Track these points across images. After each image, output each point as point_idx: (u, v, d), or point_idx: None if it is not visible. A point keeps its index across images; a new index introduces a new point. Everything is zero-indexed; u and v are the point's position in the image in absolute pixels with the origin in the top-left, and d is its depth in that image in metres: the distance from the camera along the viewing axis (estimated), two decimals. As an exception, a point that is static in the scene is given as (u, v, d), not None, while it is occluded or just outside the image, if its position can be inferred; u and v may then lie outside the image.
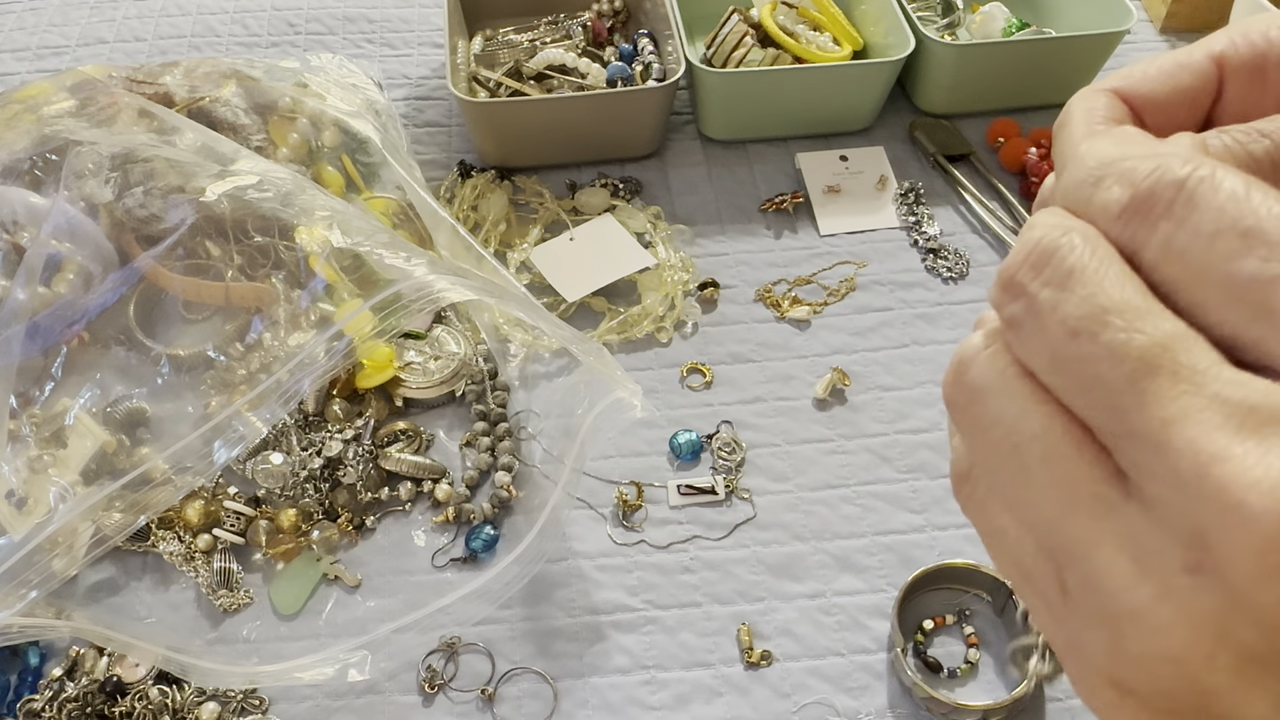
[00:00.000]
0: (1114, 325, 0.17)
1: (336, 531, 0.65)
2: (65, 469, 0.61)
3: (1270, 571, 0.15)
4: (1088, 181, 0.18)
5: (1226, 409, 0.16)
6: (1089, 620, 0.18)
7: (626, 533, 0.66)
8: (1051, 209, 0.19)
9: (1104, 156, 0.18)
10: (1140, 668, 0.17)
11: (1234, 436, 0.16)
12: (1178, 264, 0.17)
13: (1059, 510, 0.18)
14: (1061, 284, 0.18)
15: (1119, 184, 0.18)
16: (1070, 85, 0.89)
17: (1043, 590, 0.19)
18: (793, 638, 0.61)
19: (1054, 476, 0.18)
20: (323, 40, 0.99)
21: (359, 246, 0.63)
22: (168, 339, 0.70)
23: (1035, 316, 0.18)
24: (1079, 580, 0.18)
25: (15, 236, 0.69)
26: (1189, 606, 0.16)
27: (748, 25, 0.86)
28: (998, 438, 0.19)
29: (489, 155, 0.86)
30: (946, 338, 0.75)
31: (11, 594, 0.53)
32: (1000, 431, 0.19)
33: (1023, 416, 0.18)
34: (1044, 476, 0.18)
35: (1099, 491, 0.18)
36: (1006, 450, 0.19)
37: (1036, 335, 0.18)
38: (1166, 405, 0.16)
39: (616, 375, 0.60)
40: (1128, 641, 0.17)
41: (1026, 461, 0.18)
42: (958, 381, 0.20)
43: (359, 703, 0.59)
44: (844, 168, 0.86)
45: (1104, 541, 0.17)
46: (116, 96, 0.74)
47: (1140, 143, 0.19)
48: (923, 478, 0.68)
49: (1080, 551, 0.18)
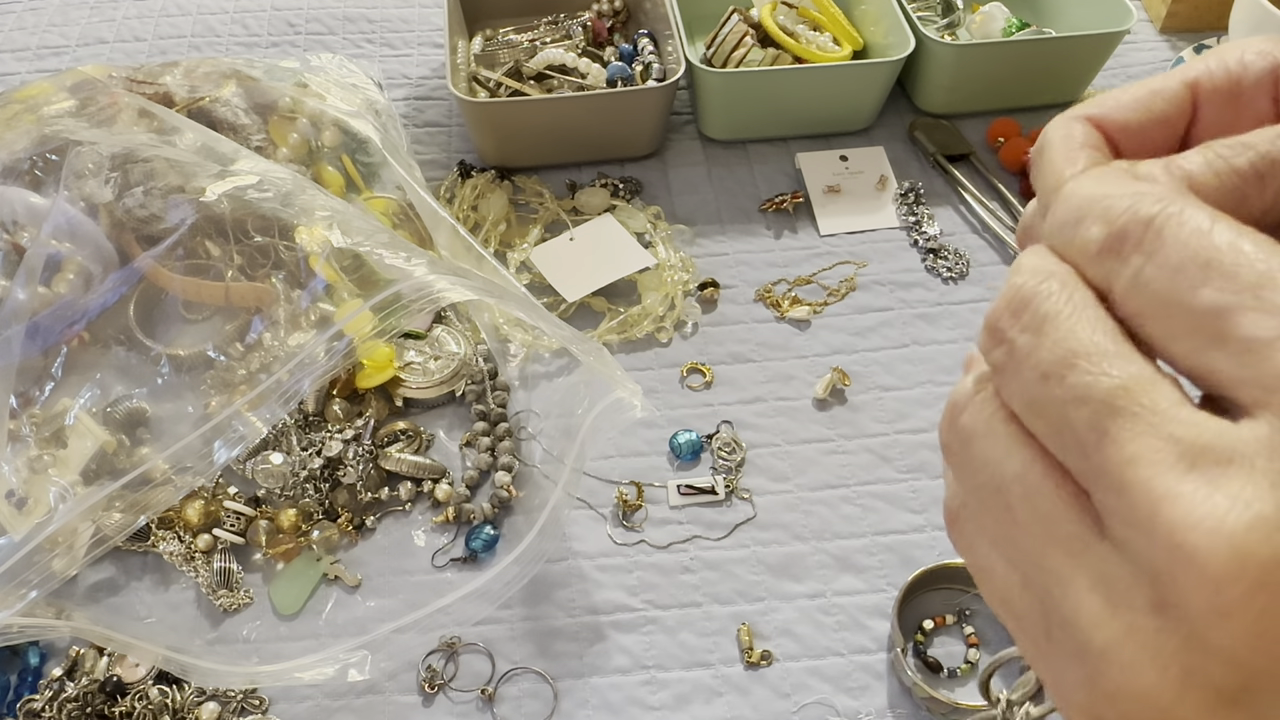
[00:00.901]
0: (1081, 368, 0.18)
1: (336, 531, 0.65)
2: (65, 469, 0.61)
3: (1223, 611, 0.16)
4: (1069, 222, 0.19)
5: (1179, 449, 0.16)
6: (1067, 657, 0.19)
7: (626, 533, 0.66)
8: (1036, 249, 0.20)
9: (1085, 196, 0.19)
10: (1113, 705, 0.18)
11: (1184, 476, 0.16)
12: (1145, 296, 0.18)
13: (1039, 548, 0.19)
14: (1037, 329, 0.18)
15: (1097, 223, 0.18)
16: (1070, 85, 0.89)
17: (1029, 628, 0.20)
18: (793, 638, 0.61)
19: (1034, 515, 0.19)
20: (323, 40, 0.99)
21: (359, 246, 0.63)
22: (168, 339, 0.70)
23: (1013, 361, 0.19)
24: (1058, 618, 0.19)
25: (15, 236, 0.69)
26: (1155, 645, 0.17)
27: (748, 25, 0.86)
28: (983, 479, 0.20)
29: (489, 155, 0.86)
30: (946, 338, 0.75)
31: (11, 594, 0.53)
32: (986, 473, 0.20)
33: (1006, 458, 0.19)
34: (1025, 515, 0.19)
35: (1074, 531, 0.18)
36: (992, 490, 0.20)
37: (1015, 379, 0.19)
38: (1125, 446, 0.17)
39: (616, 375, 0.60)
40: (1101, 679, 0.18)
41: (1010, 501, 0.19)
42: (951, 426, 0.21)
43: (359, 703, 0.59)
44: (844, 168, 0.86)
45: (1078, 579, 0.18)
46: (116, 96, 0.74)
47: (1120, 181, 0.19)
48: (923, 478, 0.68)
49: (1058, 590, 0.19)
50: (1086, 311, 0.18)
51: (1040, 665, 0.20)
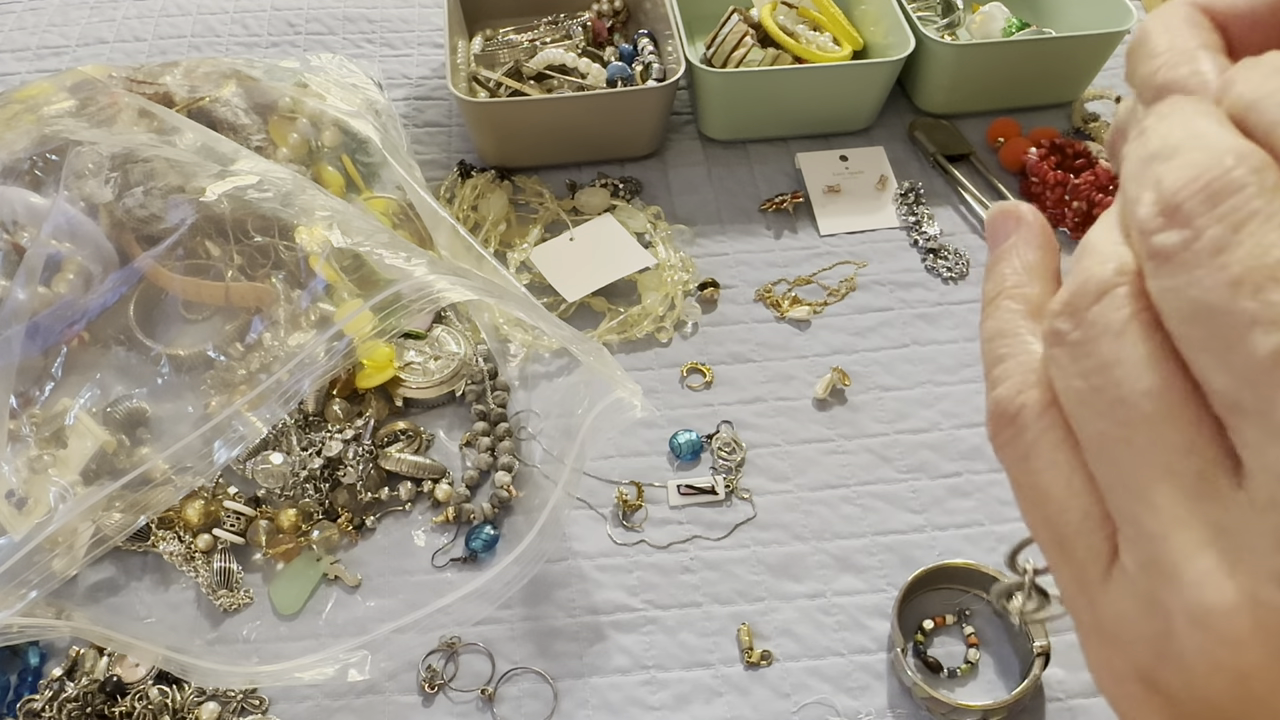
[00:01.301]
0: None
1: (336, 531, 0.65)
2: (65, 469, 0.61)
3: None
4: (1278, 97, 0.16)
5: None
6: (1137, 606, 0.17)
7: (626, 533, 0.66)
8: (1228, 128, 0.16)
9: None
10: (1187, 672, 0.16)
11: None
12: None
13: (1150, 479, 0.16)
14: (1238, 225, 0.15)
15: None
16: (1070, 85, 0.89)
17: (1080, 560, 0.18)
18: (793, 638, 0.61)
19: (1156, 442, 0.16)
20: (323, 40, 0.99)
21: (359, 246, 0.63)
22: (168, 339, 0.70)
23: (1193, 254, 0.15)
24: (1142, 559, 0.16)
25: (15, 236, 0.69)
26: (1275, 625, 0.15)
27: (748, 25, 0.86)
28: (1101, 384, 0.17)
29: (489, 155, 0.86)
30: (946, 338, 0.75)
31: (11, 594, 0.53)
32: (1107, 379, 0.17)
33: (1141, 369, 0.16)
34: (1146, 439, 0.16)
35: (1205, 471, 0.16)
36: (1108, 400, 0.17)
37: (1188, 275, 0.15)
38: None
39: (616, 375, 0.60)
40: (1181, 641, 0.16)
41: (1130, 417, 0.16)
42: (1073, 311, 0.18)
43: (359, 703, 0.59)
44: (844, 168, 0.86)
45: (1192, 527, 0.16)
46: (116, 96, 0.74)
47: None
48: (923, 478, 0.68)
49: (1159, 530, 0.16)
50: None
51: (1081, 604, 0.18)
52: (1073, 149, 0.85)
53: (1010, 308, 0.20)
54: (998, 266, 0.21)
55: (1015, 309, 0.20)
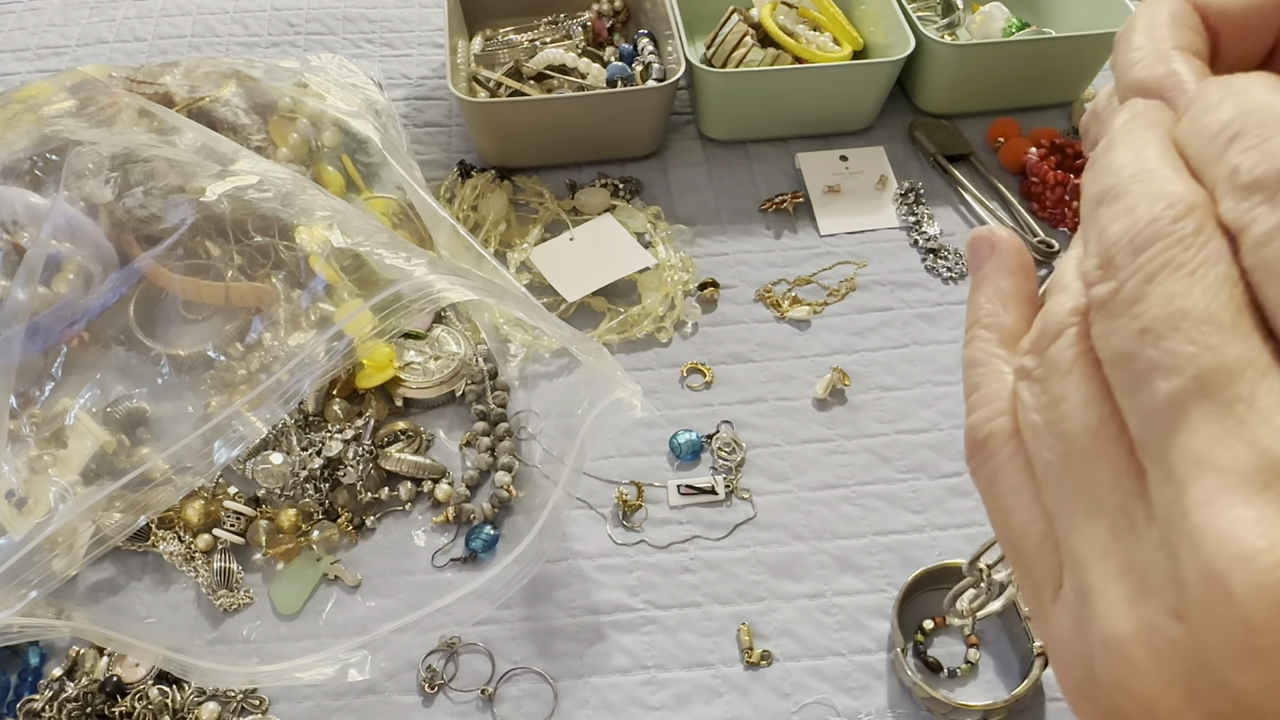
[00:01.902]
0: (1183, 334, 0.15)
1: (336, 531, 0.65)
2: (65, 469, 0.61)
3: (1251, 655, 0.14)
4: (1222, 135, 0.17)
5: (1259, 462, 0.14)
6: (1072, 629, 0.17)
7: (626, 533, 0.66)
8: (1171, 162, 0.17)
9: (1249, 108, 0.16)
10: (1104, 694, 0.17)
11: (1251, 496, 0.14)
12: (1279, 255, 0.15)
13: (1083, 511, 0.17)
14: (1151, 276, 0.16)
15: (1256, 151, 0.16)
16: (1070, 85, 0.89)
17: (1037, 579, 0.19)
18: (793, 638, 0.61)
19: (1090, 475, 0.17)
20: (323, 40, 0.99)
21: (359, 246, 0.63)
22: (168, 339, 0.70)
23: (1116, 302, 0.17)
24: (1075, 585, 0.17)
25: (15, 236, 0.69)
26: (1168, 656, 0.15)
27: (748, 25, 0.86)
28: (1052, 418, 0.18)
29: (489, 155, 0.86)
30: (946, 338, 0.75)
31: (11, 594, 0.53)
32: (1056, 413, 0.18)
33: (1083, 406, 0.17)
34: (1082, 472, 0.17)
35: (1126, 506, 0.17)
36: (1057, 433, 0.18)
37: (1111, 323, 0.17)
38: (1199, 439, 0.15)
39: (616, 375, 0.60)
40: (1100, 666, 0.17)
41: (1071, 451, 0.18)
42: (1038, 349, 0.19)
43: (359, 703, 0.59)
44: (844, 168, 0.86)
45: (1112, 557, 0.17)
46: (116, 96, 0.74)
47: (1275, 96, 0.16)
48: (923, 478, 0.68)
49: (1086, 559, 0.17)
50: (1215, 268, 0.16)
51: (1039, 617, 0.19)
52: (1073, 149, 0.85)
53: (983, 337, 0.21)
54: (974, 295, 0.22)
55: (988, 338, 0.21)
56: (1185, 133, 0.18)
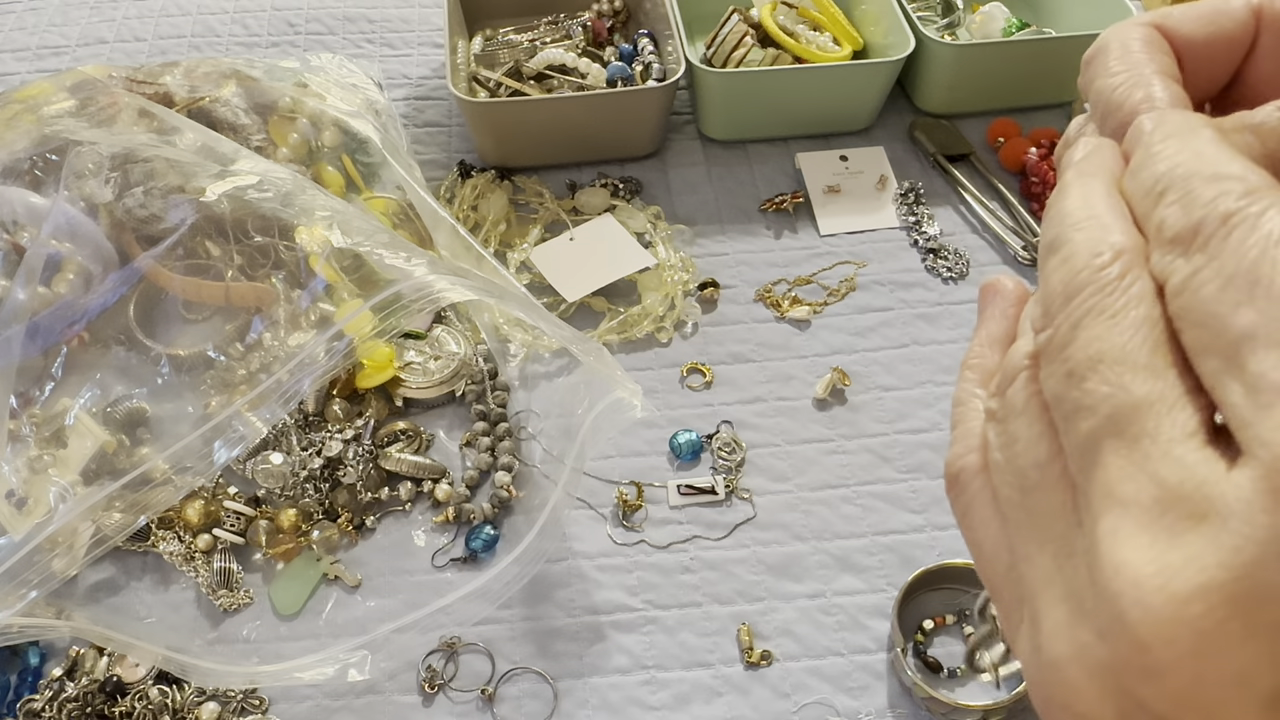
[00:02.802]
0: (1100, 375, 0.17)
1: (336, 531, 0.65)
2: (65, 469, 0.61)
3: (1149, 671, 0.15)
4: (1154, 190, 0.18)
5: (1159, 492, 0.16)
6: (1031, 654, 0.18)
7: (626, 533, 0.66)
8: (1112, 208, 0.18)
9: (1175, 167, 0.17)
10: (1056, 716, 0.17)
11: (1150, 524, 0.15)
12: (1193, 300, 0.16)
13: (1035, 541, 0.18)
14: (1077, 322, 0.17)
15: (1178, 205, 0.17)
16: (1070, 85, 0.89)
17: (1006, 609, 0.20)
18: (793, 638, 0.61)
19: (1039, 508, 0.18)
20: (323, 40, 0.99)
21: (359, 246, 0.63)
22: (168, 339, 0.70)
23: (1050, 348, 0.18)
24: (1029, 613, 0.18)
25: (15, 236, 0.69)
26: (1099, 675, 0.16)
27: (748, 25, 0.86)
28: (1009, 455, 0.19)
29: (489, 155, 0.86)
30: (946, 338, 0.75)
31: (11, 594, 0.53)
32: (1013, 451, 0.19)
33: (1034, 443, 0.19)
34: (1032, 505, 0.18)
35: (1067, 535, 0.18)
36: (1014, 469, 0.19)
37: (1048, 367, 0.18)
38: (1110, 472, 0.16)
39: (616, 375, 0.60)
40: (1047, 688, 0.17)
41: (1025, 485, 0.19)
42: (1000, 392, 0.20)
43: (359, 703, 0.59)
44: (844, 168, 0.86)
45: (1055, 584, 0.18)
46: (116, 96, 0.74)
47: (1216, 158, 0.17)
48: (923, 478, 0.68)
49: (1035, 586, 0.18)
50: (1136, 310, 0.17)
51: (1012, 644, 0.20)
52: (1073, 149, 0.85)
53: (968, 377, 0.23)
54: (973, 337, 0.23)
55: (971, 378, 0.22)
56: (1127, 184, 0.19)
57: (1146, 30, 0.21)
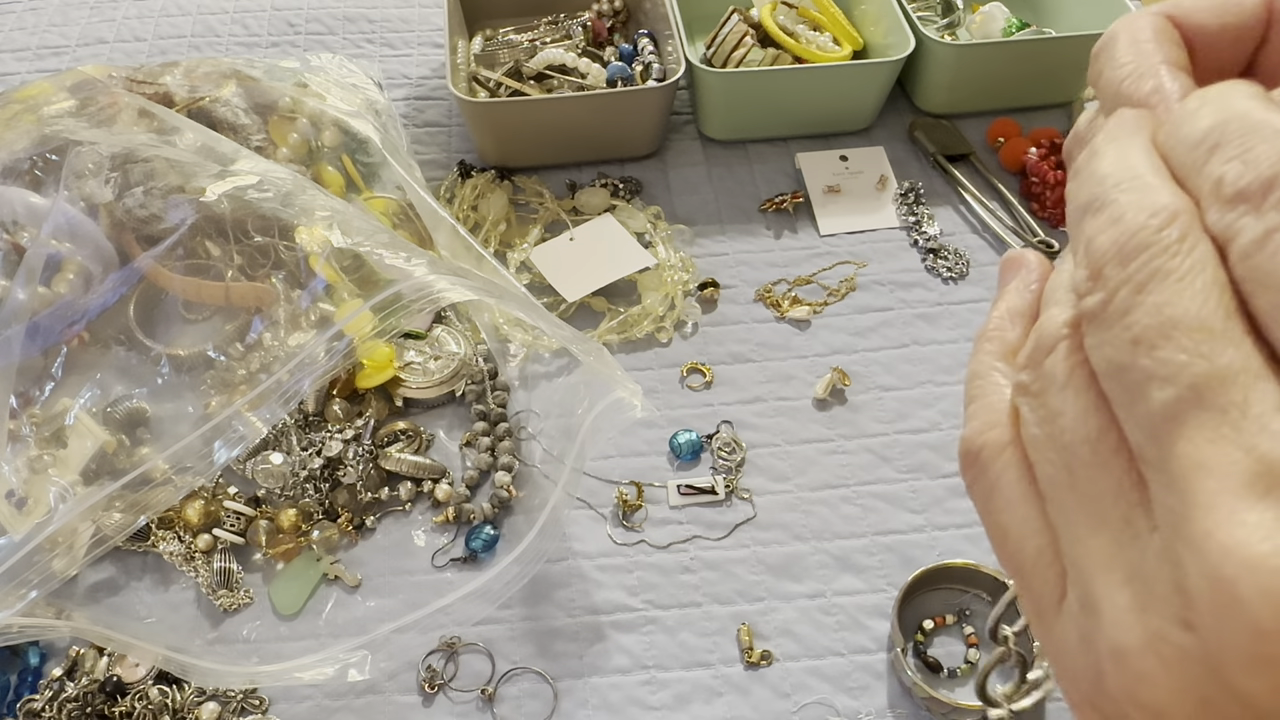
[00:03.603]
0: (1176, 342, 0.15)
1: (336, 531, 0.65)
2: (65, 469, 0.61)
3: (1261, 660, 0.14)
4: (1203, 144, 0.17)
5: (1259, 467, 0.14)
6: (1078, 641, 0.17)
7: (626, 533, 0.66)
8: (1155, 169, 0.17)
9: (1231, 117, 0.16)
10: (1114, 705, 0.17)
11: (1254, 502, 0.14)
12: (1270, 261, 0.15)
13: (1087, 522, 0.17)
14: (1141, 285, 0.16)
15: (1239, 160, 0.16)
16: (1070, 85, 0.89)
17: (1037, 592, 0.19)
18: (793, 638, 0.61)
19: (1093, 487, 0.17)
20: (323, 40, 0.99)
21: (359, 246, 0.63)
22: (168, 339, 0.70)
23: (1107, 314, 0.17)
24: (1080, 596, 0.17)
25: (15, 236, 0.69)
26: (1177, 664, 0.15)
27: (748, 25, 0.86)
28: (1051, 431, 0.18)
29: (489, 155, 0.86)
30: (946, 338, 0.75)
31: (11, 594, 0.53)
32: (1056, 426, 0.18)
33: (1082, 418, 0.17)
34: (1084, 484, 0.17)
35: (1129, 516, 0.17)
36: (1058, 445, 0.18)
37: (1103, 334, 0.17)
38: (1198, 446, 0.15)
39: (616, 375, 0.60)
40: (1109, 677, 0.17)
41: (1073, 463, 0.18)
42: (1034, 363, 0.19)
43: (359, 703, 0.59)
44: (844, 168, 0.86)
45: (1116, 568, 0.17)
46: (116, 96, 0.74)
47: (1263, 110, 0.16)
48: (923, 478, 0.68)
49: (1090, 570, 0.17)
50: (1203, 274, 0.16)
51: (1042, 633, 0.19)
52: (1073, 149, 0.85)
53: (986, 349, 0.21)
54: (991, 310, 0.22)
55: (991, 351, 0.21)
56: (1167, 141, 0.18)
57: (1157, 20, 0.20)
